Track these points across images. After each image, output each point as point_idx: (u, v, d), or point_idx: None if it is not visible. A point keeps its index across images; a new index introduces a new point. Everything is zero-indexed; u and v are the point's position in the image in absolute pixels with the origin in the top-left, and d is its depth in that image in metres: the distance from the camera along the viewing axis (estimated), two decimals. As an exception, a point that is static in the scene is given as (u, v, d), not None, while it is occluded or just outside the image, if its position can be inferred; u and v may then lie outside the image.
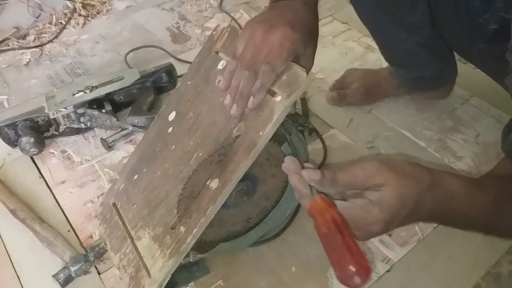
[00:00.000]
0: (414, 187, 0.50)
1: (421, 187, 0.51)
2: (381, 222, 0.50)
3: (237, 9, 1.53)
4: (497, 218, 0.56)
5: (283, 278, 0.79)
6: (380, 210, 0.49)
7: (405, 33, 0.91)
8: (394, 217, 0.50)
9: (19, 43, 1.42)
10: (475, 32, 0.75)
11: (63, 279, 0.78)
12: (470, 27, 0.75)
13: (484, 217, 0.55)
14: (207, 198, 0.63)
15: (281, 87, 0.58)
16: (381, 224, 0.50)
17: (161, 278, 0.67)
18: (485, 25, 0.70)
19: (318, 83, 1.19)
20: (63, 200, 0.94)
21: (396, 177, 0.50)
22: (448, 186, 0.53)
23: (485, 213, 0.54)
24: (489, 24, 0.70)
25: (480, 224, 0.57)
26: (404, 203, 0.50)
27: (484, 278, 0.78)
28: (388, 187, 0.49)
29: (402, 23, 0.89)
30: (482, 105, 1.10)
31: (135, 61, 1.30)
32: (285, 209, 0.81)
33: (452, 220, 0.57)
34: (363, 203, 0.50)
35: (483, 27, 0.71)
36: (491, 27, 0.70)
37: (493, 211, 0.55)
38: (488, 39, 0.72)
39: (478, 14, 0.71)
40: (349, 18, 1.42)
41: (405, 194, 0.50)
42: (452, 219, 0.56)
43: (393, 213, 0.50)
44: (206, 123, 0.68)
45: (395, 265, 0.80)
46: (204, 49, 0.74)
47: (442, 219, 0.57)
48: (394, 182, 0.49)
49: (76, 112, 1.03)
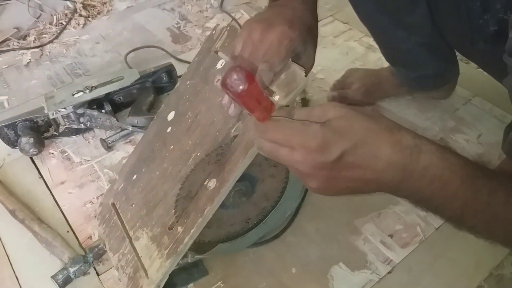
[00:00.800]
0: (367, 120, 0.44)
1: (376, 123, 0.44)
2: (318, 136, 0.42)
3: (238, 9, 1.52)
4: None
5: (283, 279, 0.79)
6: (321, 126, 0.43)
7: (405, 33, 0.91)
8: (335, 136, 0.42)
9: (19, 44, 1.42)
10: (476, 32, 0.74)
11: (61, 280, 0.77)
12: (471, 27, 0.74)
13: (463, 186, 0.44)
14: (205, 198, 0.63)
15: (279, 86, 0.58)
16: (317, 138, 0.42)
17: (159, 279, 0.67)
18: (485, 26, 0.70)
19: (319, 83, 1.18)
20: (63, 200, 0.94)
21: (350, 110, 0.45)
22: (416, 136, 0.45)
23: (464, 180, 0.44)
24: (489, 25, 0.69)
25: (458, 199, 0.45)
26: (351, 129, 0.43)
27: (487, 280, 0.77)
28: (338, 117, 0.44)
29: (402, 23, 0.89)
30: (484, 105, 1.09)
31: (135, 61, 1.30)
32: (285, 210, 0.81)
33: (425, 188, 0.45)
34: (304, 121, 0.45)
35: (483, 28, 0.71)
36: (491, 28, 0.69)
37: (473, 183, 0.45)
38: (488, 40, 0.72)
39: (478, 15, 0.70)
40: (350, 18, 1.42)
41: (353, 121, 0.44)
42: (425, 186, 0.45)
43: (335, 132, 0.43)
44: (204, 123, 0.68)
45: (396, 266, 0.80)
46: (204, 48, 0.73)
47: (413, 184, 0.45)
48: (346, 113, 0.44)
49: (76, 113, 1.02)
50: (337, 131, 0.43)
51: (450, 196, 0.45)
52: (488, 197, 0.45)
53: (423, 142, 0.45)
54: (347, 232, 0.85)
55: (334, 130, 0.43)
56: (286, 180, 0.76)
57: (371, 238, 0.84)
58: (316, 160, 0.43)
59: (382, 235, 0.84)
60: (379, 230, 0.85)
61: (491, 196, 0.45)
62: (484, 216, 0.47)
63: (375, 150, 0.43)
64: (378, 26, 0.96)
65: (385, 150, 0.43)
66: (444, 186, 0.45)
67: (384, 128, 0.44)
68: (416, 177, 0.44)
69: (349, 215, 0.87)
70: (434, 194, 0.45)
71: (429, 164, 0.44)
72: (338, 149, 0.42)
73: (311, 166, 0.44)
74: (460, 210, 0.46)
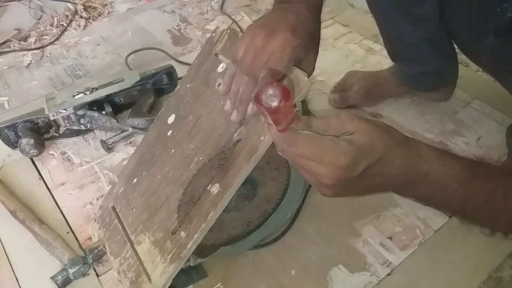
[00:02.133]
0: (384, 136, 0.48)
1: (392, 138, 0.49)
2: (348, 156, 0.46)
3: (238, 12, 1.52)
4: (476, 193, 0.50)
5: (283, 281, 0.79)
6: (349, 144, 0.47)
7: (411, 26, 0.92)
8: (362, 155, 0.47)
9: (20, 45, 1.42)
10: (488, 24, 0.73)
11: (61, 281, 0.77)
12: (482, 19, 0.73)
13: (461, 187, 0.49)
14: (208, 203, 0.63)
15: None
16: (348, 157, 0.46)
17: (162, 284, 0.67)
18: (502, 15, 0.69)
19: (319, 85, 1.19)
20: (63, 201, 0.94)
21: (368, 125, 0.49)
22: (420, 147, 0.50)
23: (462, 182, 0.49)
24: (507, 13, 0.68)
25: (457, 197, 0.50)
26: (374, 146, 0.47)
27: (486, 282, 0.77)
28: (359, 132, 0.48)
29: (410, 15, 0.90)
30: (484, 108, 1.09)
31: (136, 63, 1.30)
32: (285, 212, 0.81)
33: (426, 190, 0.50)
34: (333, 137, 0.48)
35: (499, 17, 0.69)
36: (508, 14, 0.68)
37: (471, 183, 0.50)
38: (501, 32, 0.71)
39: (496, 3, 0.69)
40: (350, 21, 1.42)
41: (374, 138, 0.48)
42: (426, 188, 0.50)
43: (362, 151, 0.47)
44: (206, 127, 0.67)
45: (395, 268, 0.80)
46: (204, 51, 0.73)
47: (415, 187, 0.50)
48: (365, 128, 0.48)
49: (76, 114, 1.03)
50: (363, 150, 0.47)
51: (449, 196, 0.50)
52: (487, 195, 0.50)
53: (425, 151, 0.49)
54: (347, 234, 0.85)
55: (360, 149, 0.47)
56: (287, 183, 0.76)
57: (371, 240, 0.84)
58: (342, 176, 0.47)
59: (382, 237, 0.84)
60: (378, 232, 0.85)
61: (489, 194, 0.50)
62: (484, 212, 0.51)
63: (390, 163, 0.48)
64: (386, 16, 0.96)
65: (398, 162, 0.48)
66: (443, 189, 0.49)
67: (397, 142, 0.49)
68: (418, 181, 0.49)
69: (349, 217, 0.88)
70: (434, 195, 0.50)
71: (429, 170, 0.49)
72: (364, 165, 0.47)
73: (336, 179, 0.47)
74: (461, 206, 0.51)
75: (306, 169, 0.49)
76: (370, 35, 1.34)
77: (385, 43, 1.07)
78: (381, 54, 1.27)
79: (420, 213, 0.88)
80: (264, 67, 0.57)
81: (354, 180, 0.48)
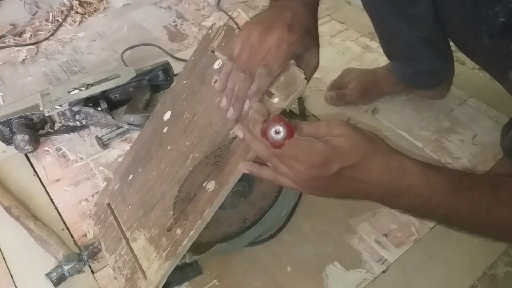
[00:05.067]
0: (367, 144, 0.50)
1: (374, 148, 0.50)
2: (322, 155, 0.48)
3: (235, 8, 1.52)
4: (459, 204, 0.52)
5: (278, 278, 0.79)
6: (324, 145, 0.49)
7: (406, 26, 0.92)
8: (335, 156, 0.48)
9: (15, 41, 1.41)
10: (482, 25, 0.73)
11: (56, 278, 0.77)
12: (477, 20, 0.74)
13: (444, 200, 0.51)
14: (204, 200, 0.63)
15: (278, 89, 0.58)
16: (320, 157, 0.48)
17: (157, 281, 0.66)
18: (494, 18, 0.69)
19: (315, 82, 1.18)
20: (58, 198, 0.94)
21: (354, 131, 0.50)
22: (403, 160, 0.51)
23: (444, 194, 0.51)
24: (498, 17, 0.69)
25: (441, 210, 0.52)
26: (351, 151, 0.49)
27: (480, 279, 0.78)
28: (342, 136, 0.50)
29: (405, 14, 0.89)
30: (479, 106, 1.09)
31: (132, 59, 1.30)
32: (281, 209, 0.81)
33: (410, 202, 0.52)
34: (310, 138, 0.50)
35: (492, 20, 0.70)
36: (500, 19, 0.68)
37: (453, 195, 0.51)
38: (494, 34, 0.71)
39: (488, 6, 0.69)
40: (347, 18, 1.42)
41: (355, 143, 0.49)
42: (409, 201, 0.51)
43: (336, 152, 0.48)
44: (202, 124, 0.67)
45: (391, 265, 0.80)
46: (200, 47, 0.73)
47: (398, 199, 0.51)
48: (350, 134, 0.50)
49: (72, 110, 1.02)
50: (338, 151, 0.48)
51: (433, 208, 0.51)
52: (470, 206, 0.51)
53: (408, 165, 0.50)
54: (343, 231, 0.85)
55: (335, 149, 0.48)
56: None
57: (366, 237, 0.84)
58: (315, 174, 0.49)
59: (377, 234, 0.85)
60: (374, 229, 0.85)
61: (473, 205, 0.51)
62: (470, 222, 0.52)
63: (367, 170, 0.49)
64: (381, 15, 0.96)
65: (376, 172, 0.49)
66: (427, 201, 0.51)
67: (378, 152, 0.50)
68: (401, 193, 0.50)
69: (345, 214, 0.88)
70: (418, 207, 0.52)
71: (411, 184, 0.50)
72: (336, 166, 0.48)
73: (310, 177, 0.50)
74: (445, 218, 0.53)
75: (286, 164, 0.51)
76: (367, 33, 1.34)
77: (380, 42, 1.07)
78: (377, 51, 1.27)
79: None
80: (260, 64, 0.57)
81: (328, 180, 0.49)
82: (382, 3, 0.91)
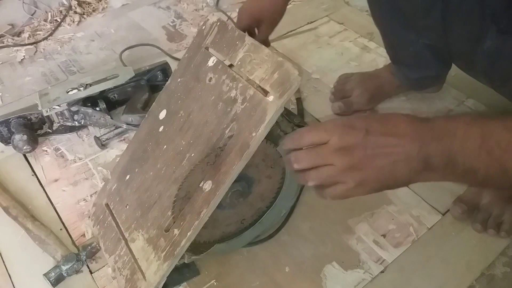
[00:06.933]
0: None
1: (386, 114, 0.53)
2: (343, 119, 0.52)
3: (234, 8, 1.52)
4: None
5: (277, 278, 0.79)
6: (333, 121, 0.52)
7: (415, 35, 0.91)
8: (354, 119, 0.51)
9: (13, 40, 1.41)
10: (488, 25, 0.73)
11: (54, 278, 0.77)
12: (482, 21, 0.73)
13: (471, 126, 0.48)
14: (201, 201, 0.62)
15: (273, 87, 0.57)
16: (343, 119, 0.52)
17: (156, 281, 0.66)
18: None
19: (314, 83, 1.19)
20: (56, 198, 0.94)
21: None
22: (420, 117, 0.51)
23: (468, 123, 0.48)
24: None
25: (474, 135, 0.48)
26: (366, 116, 0.52)
27: (478, 280, 0.78)
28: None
29: (415, 26, 0.89)
30: (478, 107, 1.10)
31: (130, 59, 1.29)
32: (280, 210, 0.81)
33: (445, 144, 0.48)
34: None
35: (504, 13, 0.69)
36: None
37: None
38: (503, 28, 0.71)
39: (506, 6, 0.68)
40: (346, 19, 1.42)
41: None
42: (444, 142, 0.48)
43: (352, 119, 0.52)
44: (197, 122, 0.67)
45: (389, 266, 0.80)
46: (194, 44, 0.72)
47: (429, 144, 0.48)
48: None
49: (70, 110, 1.02)
50: (355, 117, 0.52)
51: (466, 138, 0.48)
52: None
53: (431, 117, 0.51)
54: (341, 232, 0.85)
55: (352, 118, 0.52)
56: (282, 181, 0.76)
57: (364, 238, 0.84)
58: (350, 139, 0.50)
59: (375, 235, 0.85)
60: (372, 229, 0.85)
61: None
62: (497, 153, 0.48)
63: (392, 123, 0.50)
64: (390, 28, 0.96)
65: (401, 123, 0.50)
66: (465, 136, 0.48)
67: (398, 114, 0.51)
68: (434, 136, 0.49)
69: (343, 215, 0.88)
70: (459, 146, 0.48)
71: (437, 125, 0.49)
72: (363, 126, 0.50)
73: (349, 145, 0.50)
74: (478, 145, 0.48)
75: (322, 156, 0.51)
76: (365, 33, 1.34)
77: (387, 49, 1.06)
78: (376, 52, 1.27)
79: (414, 211, 0.88)
80: None
81: (363, 145, 0.49)
82: (392, 16, 0.91)
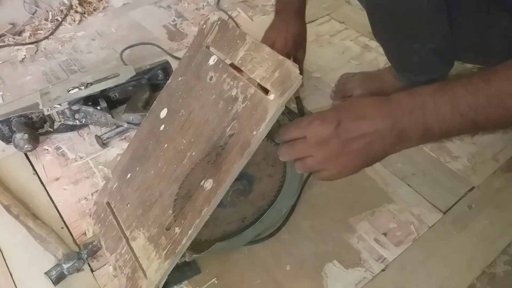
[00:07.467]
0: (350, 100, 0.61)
1: (358, 98, 0.61)
2: (312, 120, 0.58)
3: (235, 7, 1.52)
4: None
5: (277, 276, 0.79)
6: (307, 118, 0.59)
7: (420, 44, 0.89)
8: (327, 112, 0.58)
9: (14, 40, 1.41)
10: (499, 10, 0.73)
11: (55, 276, 0.77)
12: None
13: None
14: (202, 199, 0.62)
15: (274, 85, 0.57)
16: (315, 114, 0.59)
17: (158, 280, 0.66)
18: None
19: (314, 81, 1.19)
20: (57, 197, 0.94)
21: None
22: (386, 96, 0.58)
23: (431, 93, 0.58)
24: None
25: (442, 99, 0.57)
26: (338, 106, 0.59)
27: (479, 278, 0.78)
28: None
29: (420, 35, 0.87)
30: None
31: (131, 58, 1.30)
32: (281, 208, 0.81)
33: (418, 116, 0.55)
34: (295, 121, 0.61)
35: None
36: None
37: None
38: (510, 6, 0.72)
39: None
40: (346, 18, 1.42)
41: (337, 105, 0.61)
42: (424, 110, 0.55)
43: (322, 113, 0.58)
44: (198, 121, 0.67)
45: (390, 264, 0.80)
46: (195, 43, 0.72)
47: (401, 120, 0.55)
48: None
49: (71, 109, 1.02)
50: (328, 110, 0.58)
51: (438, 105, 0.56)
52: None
53: (392, 95, 0.57)
54: (342, 230, 0.85)
55: (325, 111, 0.58)
56: (283, 180, 0.76)
57: (365, 236, 0.84)
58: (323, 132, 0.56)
59: (376, 233, 0.85)
60: (373, 228, 0.86)
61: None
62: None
63: (360, 108, 0.57)
64: (393, 41, 0.94)
65: (367, 106, 0.57)
66: (435, 106, 0.55)
67: (364, 98, 0.58)
68: (404, 111, 0.55)
69: (344, 213, 0.88)
70: (434, 116, 0.55)
71: (403, 101, 0.56)
72: (334, 118, 0.56)
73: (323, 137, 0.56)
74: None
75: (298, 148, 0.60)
76: (366, 32, 1.34)
77: (389, 59, 1.04)
78: (377, 51, 1.27)
79: (415, 210, 0.88)
80: None
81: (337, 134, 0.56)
82: (396, 30, 0.89)
